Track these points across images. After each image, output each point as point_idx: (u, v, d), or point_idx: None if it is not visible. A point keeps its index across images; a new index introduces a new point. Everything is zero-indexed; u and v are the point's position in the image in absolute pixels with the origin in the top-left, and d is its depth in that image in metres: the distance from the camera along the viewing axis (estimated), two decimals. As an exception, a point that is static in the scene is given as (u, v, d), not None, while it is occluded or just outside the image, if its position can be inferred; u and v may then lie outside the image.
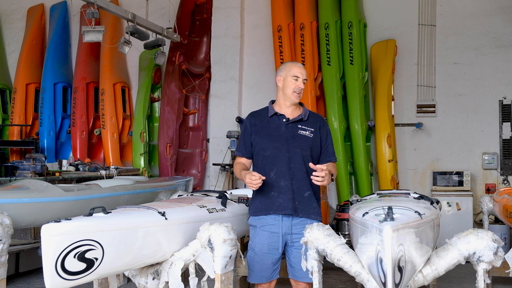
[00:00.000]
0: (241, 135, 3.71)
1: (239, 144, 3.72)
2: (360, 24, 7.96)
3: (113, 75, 8.71)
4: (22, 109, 8.84)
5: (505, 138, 7.83)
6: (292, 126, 3.55)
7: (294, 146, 3.51)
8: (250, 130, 3.63)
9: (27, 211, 4.45)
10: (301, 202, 3.50)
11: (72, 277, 2.71)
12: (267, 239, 3.49)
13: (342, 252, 3.14)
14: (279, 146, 3.51)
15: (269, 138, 3.55)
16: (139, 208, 3.39)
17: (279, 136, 3.53)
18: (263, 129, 3.59)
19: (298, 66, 3.62)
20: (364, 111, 7.88)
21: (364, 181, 7.73)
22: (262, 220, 3.53)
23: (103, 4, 6.61)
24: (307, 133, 3.54)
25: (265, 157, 3.54)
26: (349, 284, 5.50)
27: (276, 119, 3.59)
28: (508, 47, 7.87)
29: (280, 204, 3.48)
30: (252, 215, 3.60)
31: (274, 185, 3.49)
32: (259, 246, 3.49)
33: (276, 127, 3.56)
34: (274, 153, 3.51)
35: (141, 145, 8.52)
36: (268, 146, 3.54)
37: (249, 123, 3.67)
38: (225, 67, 8.64)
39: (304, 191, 3.51)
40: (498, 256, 2.98)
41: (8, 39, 9.85)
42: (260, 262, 3.47)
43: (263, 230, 3.51)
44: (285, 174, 3.48)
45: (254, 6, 8.76)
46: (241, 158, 3.67)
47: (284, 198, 3.48)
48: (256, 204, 3.57)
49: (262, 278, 3.51)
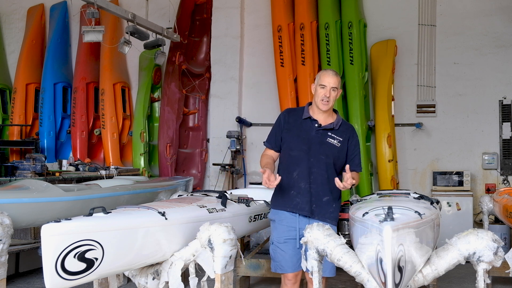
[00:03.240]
0: (273, 128, 3.79)
1: (269, 136, 3.80)
2: (360, 24, 7.96)
3: (113, 75, 8.72)
4: (22, 109, 8.85)
5: (505, 138, 7.83)
6: (322, 133, 3.65)
7: (320, 152, 3.62)
8: (282, 126, 3.72)
9: (27, 211, 4.46)
10: (319, 205, 3.62)
11: (72, 277, 2.71)
12: (284, 233, 3.63)
13: (342, 252, 3.14)
14: (306, 149, 3.62)
15: (298, 139, 3.66)
16: (139, 208, 3.39)
17: (308, 140, 3.64)
18: (295, 129, 3.68)
19: (327, 74, 3.64)
20: (364, 111, 7.88)
21: (364, 181, 7.72)
22: (280, 214, 3.67)
23: (103, 4, 6.61)
24: (335, 142, 3.64)
25: (291, 156, 3.67)
26: (349, 284, 5.50)
27: (309, 122, 3.68)
28: (508, 47, 7.87)
29: (298, 203, 3.62)
30: (272, 208, 3.75)
31: (295, 185, 3.62)
32: (277, 238, 3.64)
33: (307, 130, 3.66)
34: (299, 154, 3.63)
35: (141, 145, 8.52)
36: (296, 147, 3.65)
37: (283, 119, 3.75)
38: (225, 67, 8.64)
39: (323, 196, 3.63)
40: (498, 256, 2.98)
41: (8, 39, 9.85)
42: (281, 253, 3.60)
43: (281, 224, 3.66)
44: (306, 177, 3.61)
45: (254, 6, 8.76)
46: (269, 150, 3.78)
47: (302, 199, 3.61)
48: (277, 199, 3.73)
49: (288, 268, 3.62)
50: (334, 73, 3.66)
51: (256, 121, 8.57)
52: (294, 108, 3.93)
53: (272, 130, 3.80)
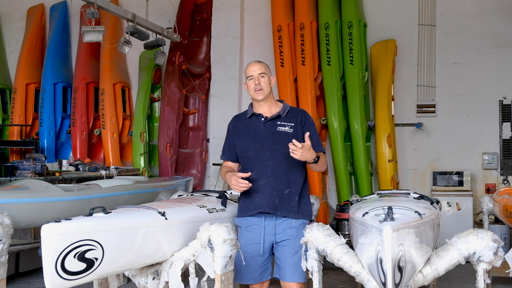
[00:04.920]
0: (225, 139, 3.69)
1: (223, 149, 3.70)
2: (360, 24, 7.96)
3: (113, 75, 8.71)
4: (22, 109, 8.84)
5: (505, 138, 7.82)
6: (271, 124, 3.50)
7: (274, 143, 3.46)
8: (232, 133, 3.63)
9: (27, 211, 4.45)
10: (281, 200, 3.43)
11: (72, 277, 2.71)
12: (251, 240, 3.49)
13: (342, 252, 3.14)
14: (259, 145, 3.48)
15: (249, 139, 3.53)
16: (139, 208, 3.38)
17: (258, 135, 3.50)
18: (243, 131, 3.57)
19: (250, 65, 3.57)
20: (364, 111, 7.88)
21: (364, 181, 7.72)
22: (246, 220, 3.53)
23: (103, 4, 6.61)
24: (287, 129, 3.47)
25: (246, 158, 3.53)
26: (349, 284, 5.50)
27: (255, 119, 3.56)
28: (508, 47, 7.87)
29: (257, 203, 3.45)
30: (237, 216, 3.63)
31: (254, 185, 3.43)
32: (244, 247, 3.46)
33: (255, 127, 3.53)
34: (255, 153, 3.49)
35: (141, 145, 8.51)
36: (249, 147, 3.52)
37: (231, 126, 3.67)
38: (225, 67, 8.63)
39: (284, 188, 3.44)
40: (498, 256, 2.98)
41: (8, 39, 9.85)
42: (246, 263, 3.40)
43: (247, 231, 3.52)
44: (264, 173, 3.45)
45: (254, 6, 8.76)
46: (227, 162, 3.66)
47: (261, 196, 3.44)
48: (240, 205, 3.60)
49: (249, 279, 3.51)
50: (257, 61, 3.58)
51: (256, 121, 8.55)
52: (240, 113, 3.77)
53: (225, 141, 3.68)
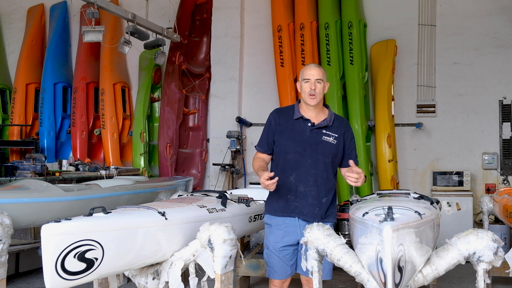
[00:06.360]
0: (264, 131, 3.64)
1: (261, 140, 3.64)
2: (360, 24, 7.96)
3: (113, 75, 8.72)
4: (22, 109, 8.85)
5: (505, 138, 7.82)
6: (317, 132, 3.52)
7: (317, 152, 3.50)
8: (274, 128, 3.58)
9: (27, 211, 4.45)
10: (320, 207, 3.53)
11: (72, 277, 2.71)
12: (281, 238, 3.51)
13: (342, 252, 3.13)
14: (302, 151, 3.49)
15: (293, 141, 3.51)
16: (139, 208, 3.39)
17: (303, 141, 3.50)
18: (287, 131, 3.54)
19: (309, 67, 3.54)
20: (364, 111, 7.88)
21: (364, 181, 7.72)
22: (278, 220, 3.54)
23: (103, 4, 6.61)
24: (331, 140, 3.52)
25: (286, 160, 3.53)
26: (349, 284, 5.49)
27: (302, 122, 3.53)
28: (508, 47, 7.87)
29: (296, 207, 3.50)
30: (268, 213, 3.61)
31: (292, 189, 3.49)
32: (273, 244, 3.51)
33: (300, 132, 3.52)
34: (296, 157, 3.50)
35: (141, 145, 8.52)
36: (291, 149, 3.51)
37: (274, 121, 3.59)
38: (225, 67, 8.64)
39: (323, 197, 3.54)
40: (498, 256, 2.98)
41: (8, 39, 9.85)
42: (276, 259, 3.49)
43: (278, 229, 3.53)
44: (305, 180, 3.49)
45: (254, 6, 8.76)
46: (261, 154, 3.63)
47: (302, 203, 3.50)
48: (273, 204, 3.58)
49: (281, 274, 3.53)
50: (316, 66, 3.56)
51: (256, 121, 8.56)
52: (283, 108, 3.72)
53: (263, 133, 3.64)
